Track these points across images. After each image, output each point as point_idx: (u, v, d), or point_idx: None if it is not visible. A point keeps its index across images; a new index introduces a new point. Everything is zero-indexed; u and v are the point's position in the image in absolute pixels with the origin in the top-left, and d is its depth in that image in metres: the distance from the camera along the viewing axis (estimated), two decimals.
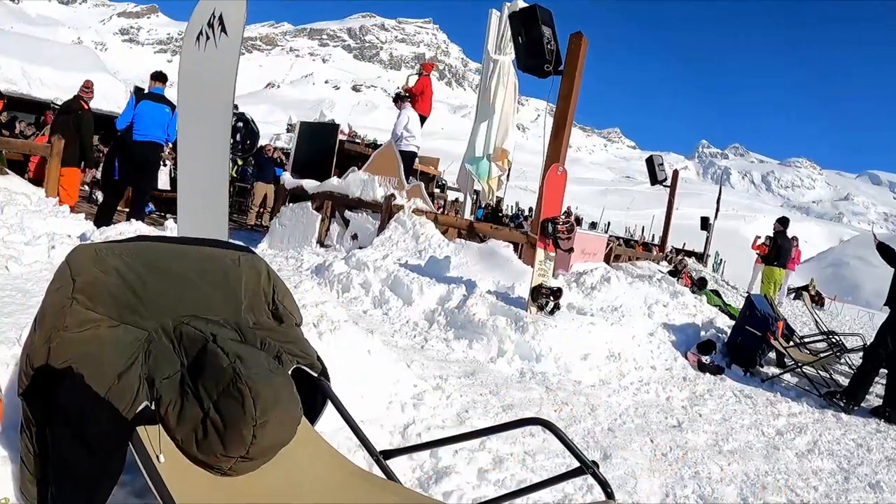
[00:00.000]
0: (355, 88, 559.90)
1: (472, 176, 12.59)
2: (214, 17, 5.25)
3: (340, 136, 14.13)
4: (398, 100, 13.35)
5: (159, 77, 10.20)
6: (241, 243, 3.06)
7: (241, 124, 15.70)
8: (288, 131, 30.71)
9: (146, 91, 10.25)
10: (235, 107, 6.92)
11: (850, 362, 10.26)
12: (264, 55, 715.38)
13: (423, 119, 13.74)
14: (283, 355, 2.65)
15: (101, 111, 14.93)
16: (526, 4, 10.21)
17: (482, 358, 6.54)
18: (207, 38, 5.28)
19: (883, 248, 8.59)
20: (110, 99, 20.85)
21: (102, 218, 9.85)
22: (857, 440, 6.60)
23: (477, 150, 12.38)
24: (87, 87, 11.63)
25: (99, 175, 14.27)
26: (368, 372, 4.56)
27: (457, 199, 25.35)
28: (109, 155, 12.05)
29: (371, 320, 7.27)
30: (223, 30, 5.20)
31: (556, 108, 9.64)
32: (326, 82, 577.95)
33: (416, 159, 13.90)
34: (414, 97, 13.50)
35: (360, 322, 6.46)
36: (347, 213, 11.39)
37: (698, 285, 15.60)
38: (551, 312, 7.37)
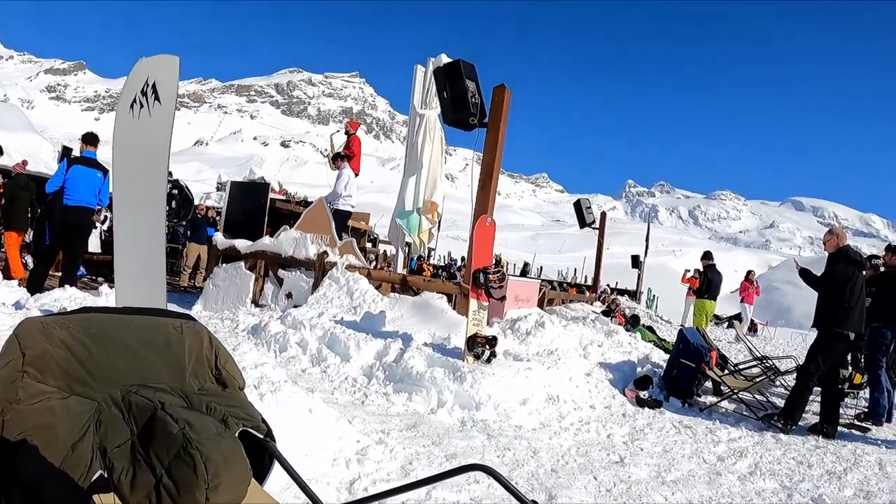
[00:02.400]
0: (284, 144, 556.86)
1: (402, 230, 12.77)
2: (148, 85, 5.37)
3: (271, 195, 14.24)
4: (337, 159, 13.52)
5: (90, 140, 10.17)
6: (182, 311, 3.17)
7: (175, 191, 15.72)
8: (218, 190, 30.58)
9: (77, 154, 10.25)
10: (170, 173, 7.00)
11: (784, 384, 10.63)
12: (192, 112, 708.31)
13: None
14: (230, 419, 2.74)
15: (29, 172, 14.79)
16: (450, 60, 10.50)
17: (423, 410, 6.63)
18: (141, 105, 5.39)
19: (805, 274, 9.01)
20: (37, 159, 20.58)
21: (36, 284, 9.75)
22: (798, 458, 6.92)
23: (407, 205, 12.59)
24: (24, 164, 11.71)
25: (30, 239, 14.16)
26: (311, 430, 4.65)
27: (386, 252, 25.47)
28: (40, 219, 12.00)
29: (310, 379, 7.33)
30: (157, 98, 5.32)
31: (483, 160, 9.89)
32: (255, 139, 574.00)
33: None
34: (352, 157, 13.73)
35: (300, 381, 6.54)
36: (281, 272, 11.46)
37: (632, 323, 15.97)
38: (488, 360, 7.54)
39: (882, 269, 10.71)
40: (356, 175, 13.96)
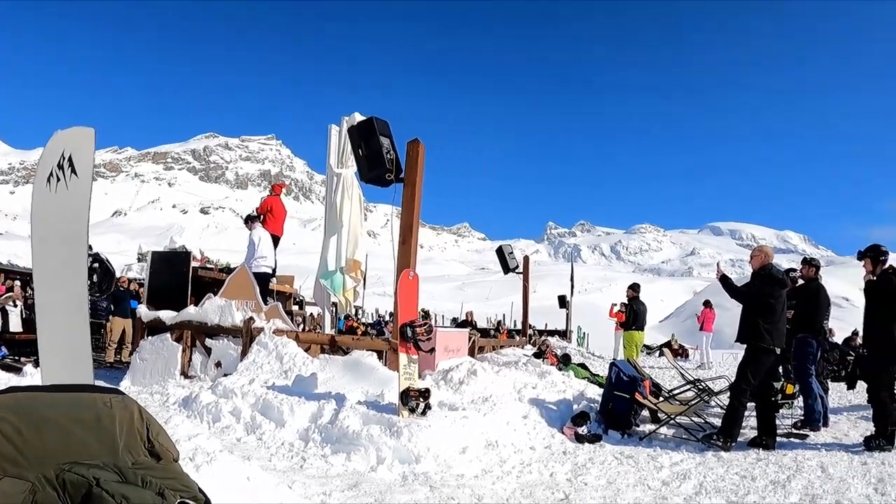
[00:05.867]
0: (203, 211, 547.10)
1: (327, 290, 12.78)
2: (64, 157, 5.37)
3: (193, 263, 14.12)
4: (248, 220, 13.52)
5: None
6: (110, 386, 3.19)
7: (96, 265, 15.40)
8: (139, 261, 30.06)
9: None
10: (90, 247, 6.93)
11: (719, 404, 10.89)
12: (109, 182, 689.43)
13: (276, 239, 13.91)
14: (166, 491, 2.78)
15: None
16: (363, 117, 10.66)
17: (362, 468, 6.62)
18: (58, 179, 5.38)
19: (725, 281, 9.31)
20: None
21: None
22: (741, 472, 7.16)
23: (329, 265, 12.61)
24: None
25: None
26: (250, 498, 4.64)
27: (313, 315, 25.29)
28: None
29: (246, 447, 7.26)
30: (73, 171, 5.32)
31: (402, 215, 10.04)
32: (174, 206, 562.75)
33: (274, 279, 14.00)
34: (263, 217, 13.72)
35: (236, 450, 6.48)
36: (208, 342, 11.35)
37: (563, 362, 16.18)
38: (423, 413, 7.58)
39: (800, 280, 11.13)
40: (279, 235, 13.96)
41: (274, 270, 13.62)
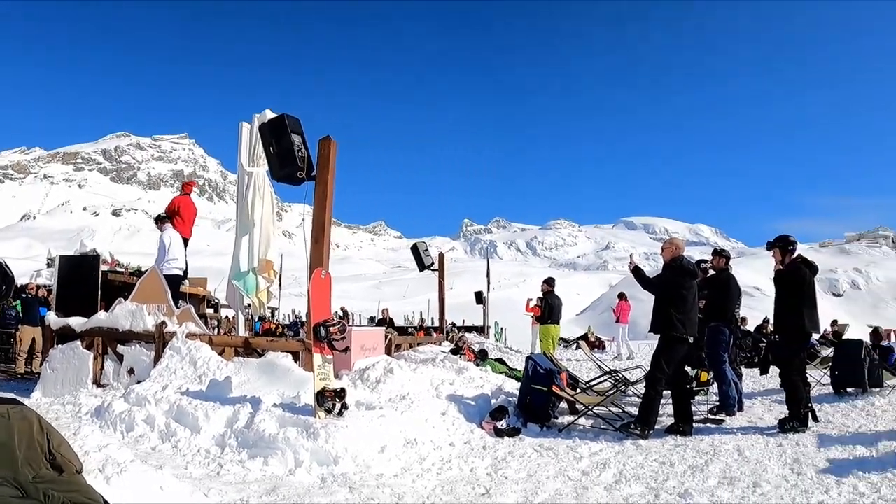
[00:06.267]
0: (115, 213, 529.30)
1: (240, 291, 12.55)
2: None
3: (103, 267, 13.71)
4: (159, 221, 13.20)
5: None
6: (8, 395, 3.07)
7: None
8: (48, 266, 29.13)
9: None
10: None
11: (636, 393, 11.06)
12: (17, 184, 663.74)
13: (185, 241, 13.59)
14: None
15: None
16: (274, 115, 10.49)
17: (280, 472, 6.54)
18: None
19: (638, 272, 9.48)
20: None
21: None
22: (660, 459, 7.32)
23: (242, 265, 12.38)
24: None
25: None
26: None
27: (228, 317, 24.87)
28: None
29: (161, 455, 7.08)
30: None
31: (314, 213, 9.93)
32: (85, 209, 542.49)
33: (186, 282, 13.71)
34: (173, 217, 13.39)
35: (150, 459, 6.35)
36: (120, 348, 11.04)
37: (481, 357, 16.24)
38: (340, 413, 7.52)
39: (711, 271, 11.39)
40: (188, 237, 13.66)
41: (185, 272, 13.31)
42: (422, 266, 23.70)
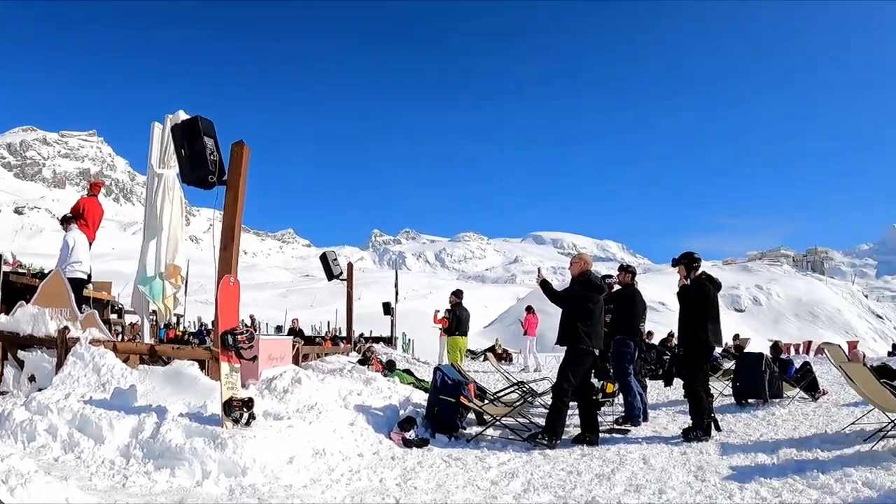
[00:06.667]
0: (17, 211, 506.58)
1: (146, 297, 12.24)
2: None
3: (4, 268, 13.22)
4: (64, 222, 12.80)
5: None
6: None
7: None
8: None
9: None
10: None
11: (543, 404, 11.21)
12: None
13: (90, 243, 13.20)
14: None
15: None
16: (187, 116, 10.28)
17: (188, 484, 6.38)
18: None
19: (545, 285, 9.62)
20: None
21: None
22: (567, 468, 7.44)
23: (148, 270, 12.07)
24: None
25: None
26: None
27: (133, 324, 24.24)
28: None
29: (64, 466, 6.81)
30: None
31: (224, 219, 9.77)
32: None
33: (90, 285, 13.33)
34: (78, 219, 12.98)
35: (53, 470, 6.10)
36: (21, 353, 10.61)
37: (388, 368, 16.27)
38: (247, 423, 7.40)
39: (617, 286, 11.63)
40: (91, 239, 13.27)
41: (89, 276, 12.95)
42: (330, 275, 23.58)
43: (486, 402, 10.65)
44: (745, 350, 19.06)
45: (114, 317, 17.25)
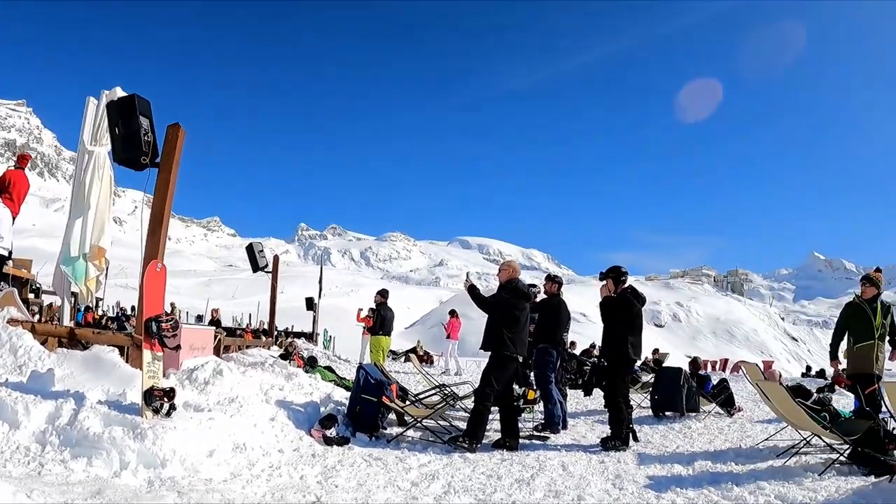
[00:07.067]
0: None
1: (68, 278, 11.95)
2: None
3: None
4: None
5: None
6: None
7: None
8: None
9: None
10: None
11: (464, 407, 11.30)
12: None
13: (13, 219, 12.81)
14: None
15: None
16: (125, 94, 10.08)
17: (105, 474, 6.25)
18: None
19: (473, 291, 9.72)
20: None
21: None
22: (487, 472, 7.54)
23: (72, 250, 11.77)
24: None
25: None
26: None
27: (52, 304, 23.55)
28: None
29: None
30: None
31: (153, 203, 9.62)
32: None
33: (10, 262, 12.95)
34: (2, 193, 12.58)
35: None
36: None
37: (310, 364, 16.21)
38: (168, 414, 7.30)
39: (545, 295, 11.80)
40: (15, 214, 12.87)
41: (10, 253, 12.57)
42: (256, 267, 23.34)
43: (408, 403, 10.69)
44: (664, 364, 19.47)
45: (31, 296, 16.79)
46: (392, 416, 10.37)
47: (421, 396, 11.49)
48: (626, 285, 10.09)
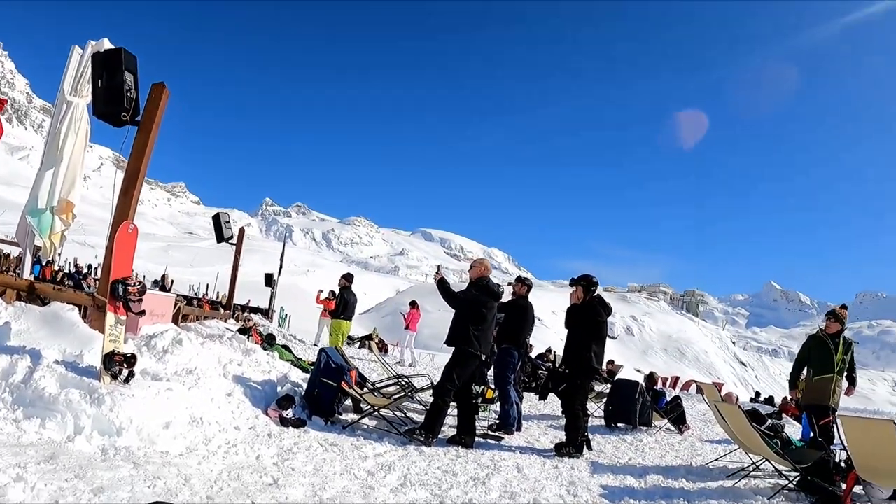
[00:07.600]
0: None
1: (33, 230, 11.63)
2: None
3: None
4: None
5: None
6: None
7: None
8: None
9: None
10: None
11: (420, 400, 11.32)
12: None
13: None
14: None
15: None
16: (112, 46, 9.90)
17: (59, 438, 6.10)
18: None
19: (443, 284, 9.68)
20: None
21: None
22: (443, 468, 7.57)
23: (40, 202, 11.47)
24: None
25: None
26: None
27: (10, 254, 23.06)
28: None
29: None
30: None
31: (129, 162, 9.45)
32: None
33: None
34: None
35: None
36: None
37: (268, 342, 16.08)
38: (126, 381, 7.15)
39: (512, 296, 11.82)
40: None
41: None
42: (220, 238, 23.02)
43: (366, 390, 10.65)
44: (618, 376, 19.62)
45: None
46: (348, 402, 10.33)
47: (380, 385, 11.47)
48: (595, 294, 10.13)
